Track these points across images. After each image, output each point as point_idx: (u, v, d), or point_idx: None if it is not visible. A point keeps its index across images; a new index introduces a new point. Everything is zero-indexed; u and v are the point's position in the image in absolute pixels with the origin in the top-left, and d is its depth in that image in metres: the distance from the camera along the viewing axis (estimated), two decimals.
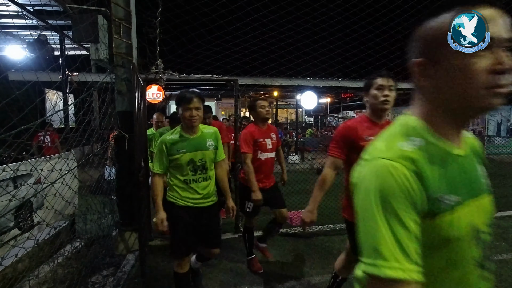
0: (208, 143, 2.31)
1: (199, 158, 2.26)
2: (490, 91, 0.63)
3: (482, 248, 0.70)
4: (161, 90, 8.32)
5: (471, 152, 0.77)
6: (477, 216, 0.69)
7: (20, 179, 2.60)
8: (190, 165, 2.24)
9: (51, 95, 6.70)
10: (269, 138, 2.97)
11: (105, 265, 3.17)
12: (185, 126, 2.26)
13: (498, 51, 0.65)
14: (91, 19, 3.12)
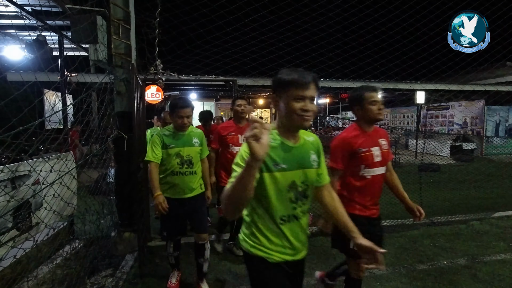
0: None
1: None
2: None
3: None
4: (160, 90, 8.30)
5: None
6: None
7: (18, 180, 2.60)
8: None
9: (50, 96, 6.69)
10: None
11: (104, 265, 3.16)
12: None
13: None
14: (90, 20, 3.12)
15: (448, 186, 6.84)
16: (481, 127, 12.44)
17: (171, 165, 2.63)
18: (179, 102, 2.58)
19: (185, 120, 2.58)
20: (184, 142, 2.67)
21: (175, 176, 2.63)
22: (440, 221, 4.47)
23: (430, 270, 3.08)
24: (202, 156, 2.84)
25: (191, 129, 2.76)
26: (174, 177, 2.64)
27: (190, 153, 2.67)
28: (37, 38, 5.52)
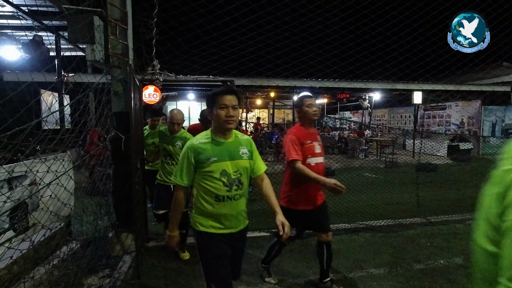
0: None
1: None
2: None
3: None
4: (158, 91, 8.29)
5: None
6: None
7: (15, 181, 2.59)
8: None
9: (46, 96, 6.66)
10: None
11: (101, 266, 3.16)
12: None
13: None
14: (87, 20, 3.11)
15: (445, 185, 6.87)
16: (477, 127, 12.52)
17: None
18: (220, 89, 1.83)
19: (231, 111, 1.75)
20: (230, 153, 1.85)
21: None
22: (437, 220, 4.49)
23: (427, 270, 3.10)
24: None
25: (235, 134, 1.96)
26: None
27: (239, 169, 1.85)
28: (34, 38, 5.50)
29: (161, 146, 3.40)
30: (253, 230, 4.12)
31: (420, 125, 15.33)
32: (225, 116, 1.72)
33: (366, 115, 19.33)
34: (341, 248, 3.60)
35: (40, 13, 5.27)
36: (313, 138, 2.65)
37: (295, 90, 12.39)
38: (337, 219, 4.55)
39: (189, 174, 1.79)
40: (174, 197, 1.83)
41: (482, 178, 3.26)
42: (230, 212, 1.81)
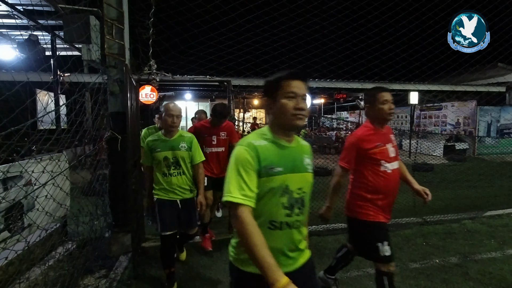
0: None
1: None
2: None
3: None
4: (155, 90, 8.27)
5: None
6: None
7: (10, 181, 2.57)
8: None
9: (42, 96, 6.62)
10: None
11: (97, 267, 3.14)
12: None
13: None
14: (83, 20, 3.10)
15: (441, 185, 6.92)
16: (473, 127, 12.61)
17: None
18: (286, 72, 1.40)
19: (301, 102, 1.33)
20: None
21: None
22: (433, 220, 4.52)
23: (423, 269, 3.12)
24: None
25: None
26: None
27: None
28: (29, 38, 5.47)
29: (159, 156, 2.72)
30: None
31: (417, 125, 15.41)
32: (294, 108, 1.27)
33: (363, 115, 19.41)
34: (338, 247, 3.61)
35: (35, 13, 5.24)
36: (385, 139, 2.19)
37: None
38: (334, 219, 4.54)
39: (254, 185, 1.24)
40: (242, 225, 1.18)
41: (477, 178, 3.30)
42: (288, 245, 1.33)
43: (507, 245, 3.66)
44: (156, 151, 2.72)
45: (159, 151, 2.72)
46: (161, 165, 2.73)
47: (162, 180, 2.76)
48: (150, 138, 2.80)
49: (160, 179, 2.77)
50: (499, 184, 6.94)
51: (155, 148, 2.72)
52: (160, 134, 2.79)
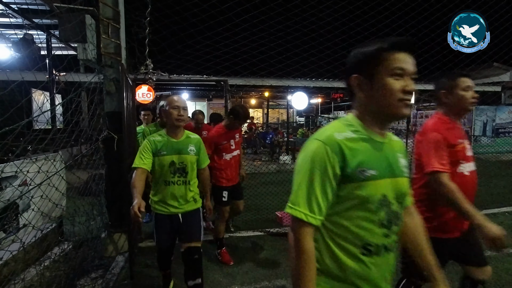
0: None
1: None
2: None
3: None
4: (152, 90, 8.24)
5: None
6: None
7: (5, 181, 2.55)
8: None
9: (37, 95, 6.57)
10: None
11: (94, 267, 3.13)
12: None
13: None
14: (78, 19, 3.08)
15: None
16: (469, 126, 12.69)
17: None
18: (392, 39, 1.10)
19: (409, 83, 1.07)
20: None
21: None
22: None
23: None
24: None
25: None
26: None
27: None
28: (24, 37, 5.42)
29: (164, 161, 2.27)
30: (247, 229, 4.13)
31: (413, 125, 15.49)
32: (402, 90, 0.96)
33: None
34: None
35: (30, 11, 5.20)
36: (463, 134, 1.85)
37: (289, 90, 12.43)
38: None
39: (329, 198, 0.96)
40: (298, 253, 0.94)
41: None
42: (385, 275, 1.03)
43: None
44: (161, 154, 2.27)
45: (164, 154, 2.27)
46: (164, 171, 2.28)
47: (163, 190, 2.31)
48: (156, 137, 2.32)
49: (160, 189, 2.32)
50: (494, 183, 6.99)
51: (160, 150, 2.28)
52: (164, 134, 2.35)
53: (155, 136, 2.34)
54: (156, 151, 2.27)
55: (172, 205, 2.32)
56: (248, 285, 2.85)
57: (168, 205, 2.32)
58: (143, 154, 2.24)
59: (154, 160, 2.26)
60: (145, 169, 2.21)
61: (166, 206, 2.32)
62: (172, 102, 2.25)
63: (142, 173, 2.19)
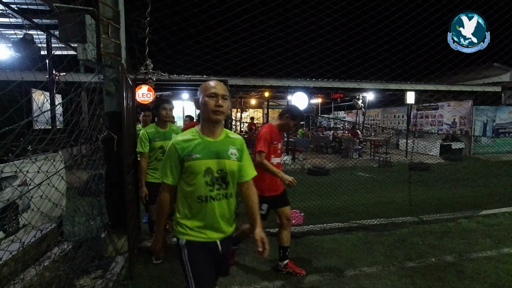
0: None
1: None
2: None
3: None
4: (152, 90, 8.25)
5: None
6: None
7: (4, 181, 2.55)
8: None
9: (38, 96, 6.57)
10: None
11: (93, 267, 3.13)
12: None
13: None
14: (78, 19, 3.08)
15: (437, 184, 6.96)
16: (469, 127, 12.69)
17: None
18: None
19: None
20: None
21: None
22: (429, 219, 4.55)
23: (419, 267, 3.13)
24: None
25: None
26: None
27: None
28: (24, 37, 5.43)
29: (198, 167, 1.57)
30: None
31: (413, 125, 15.48)
32: None
33: (360, 115, 19.47)
34: (335, 247, 3.63)
35: (30, 11, 5.20)
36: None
37: (289, 90, 12.42)
38: (331, 218, 4.57)
39: None
40: None
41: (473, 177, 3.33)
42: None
43: (502, 243, 3.69)
44: (193, 159, 1.60)
45: (197, 158, 1.60)
46: (199, 182, 1.62)
47: (197, 209, 1.65)
48: (178, 138, 1.66)
49: (194, 207, 1.65)
50: (494, 183, 6.99)
51: (190, 153, 1.61)
52: (195, 131, 1.69)
53: (179, 137, 1.68)
54: (185, 155, 1.61)
55: (211, 226, 1.67)
56: (247, 285, 2.84)
57: (205, 228, 1.66)
58: (170, 167, 1.64)
59: (183, 166, 1.62)
60: (172, 185, 1.65)
61: (203, 230, 1.66)
62: (208, 89, 1.64)
63: (170, 191, 1.67)
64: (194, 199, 1.63)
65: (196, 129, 1.70)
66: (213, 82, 1.67)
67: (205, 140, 1.65)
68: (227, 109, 1.67)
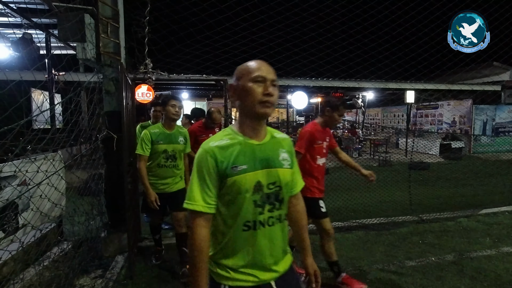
0: None
1: None
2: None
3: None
4: (151, 90, 8.24)
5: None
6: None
7: (4, 181, 2.55)
8: None
9: (37, 95, 6.56)
10: None
11: (93, 267, 3.13)
12: None
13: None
14: (77, 18, 3.07)
15: (437, 184, 6.96)
16: (469, 126, 12.69)
17: None
18: None
19: None
20: None
21: None
22: (429, 218, 4.55)
23: (419, 267, 3.13)
24: None
25: None
26: None
27: None
28: (23, 36, 5.42)
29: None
30: None
31: (413, 124, 15.48)
32: None
33: (359, 114, 19.46)
34: (335, 246, 3.62)
35: (29, 11, 5.18)
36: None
37: (288, 89, 12.42)
38: (330, 217, 4.54)
39: None
40: None
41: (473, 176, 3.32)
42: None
43: (502, 242, 3.69)
44: (238, 172, 1.15)
45: (243, 170, 1.16)
46: (245, 204, 1.16)
47: (242, 240, 1.18)
48: (211, 144, 1.17)
49: (237, 239, 1.18)
50: (494, 182, 6.99)
51: (234, 165, 1.16)
52: (231, 132, 1.23)
53: (219, 139, 1.20)
54: (228, 168, 1.15)
55: (263, 264, 1.20)
56: None
57: (255, 268, 1.20)
58: (204, 188, 1.16)
59: (225, 183, 1.16)
60: (211, 214, 1.17)
61: (252, 271, 1.19)
62: (251, 71, 1.20)
63: (208, 222, 1.17)
64: (238, 227, 1.16)
65: (232, 129, 1.24)
66: (258, 62, 1.22)
67: (249, 143, 1.19)
68: (277, 100, 1.22)
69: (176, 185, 3.07)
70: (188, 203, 1.14)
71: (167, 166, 2.98)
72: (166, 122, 2.99)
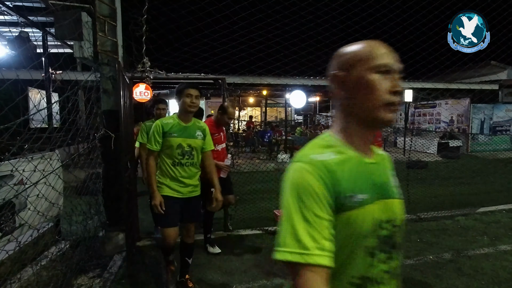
0: None
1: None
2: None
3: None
4: (149, 88, 8.22)
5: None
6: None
7: (0, 180, 2.53)
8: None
9: (34, 94, 6.52)
10: None
11: (91, 266, 3.11)
12: None
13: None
14: (74, 16, 3.05)
15: (435, 182, 6.98)
16: (467, 124, 12.73)
17: None
18: None
19: None
20: None
21: None
22: (427, 217, 4.56)
23: (417, 265, 3.14)
24: None
25: None
26: None
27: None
28: (20, 35, 5.38)
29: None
30: (245, 228, 4.12)
31: (411, 123, 15.52)
32: None
33: None
34: None
35: (25, 9, 5.15)
36: None
37: (287, 88, 12.41)
38: None
39: None
40: None
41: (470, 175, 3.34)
42: None
43: (499, 241, 3.70)
44: (358, 204, 0.77)
45: (364, 201, 0.78)
46: (360, 251, 0.78)
47: None
48: (314, 157, 0.77)
49: None
50: (491, 180, 7.02)
51: (353, 193, 0.80)
52: (333, 141, 0.84)
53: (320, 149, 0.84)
54: (346, 198, 0.77)
55: None
56: (246, 284, 2.84)
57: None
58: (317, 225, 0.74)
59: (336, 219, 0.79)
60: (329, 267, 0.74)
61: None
62: (373, 57, 0.80)
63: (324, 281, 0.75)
64: (345, 281, 0.77)
65: (336, 137, 0.85)
66: (380, 44, 0.82)
67: (363, 162, 0.82)
68: None
69: (196, 190, 2.58)
70: (294, 253, 0.68)
71: (183, 164, 2.46)
72: (182, 114, 2.53)
